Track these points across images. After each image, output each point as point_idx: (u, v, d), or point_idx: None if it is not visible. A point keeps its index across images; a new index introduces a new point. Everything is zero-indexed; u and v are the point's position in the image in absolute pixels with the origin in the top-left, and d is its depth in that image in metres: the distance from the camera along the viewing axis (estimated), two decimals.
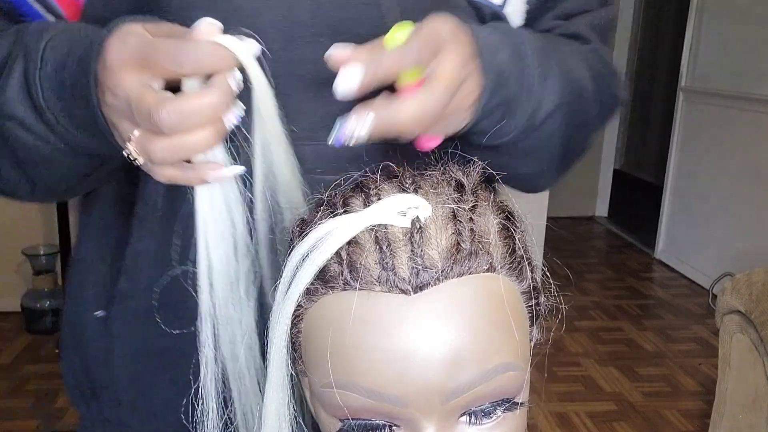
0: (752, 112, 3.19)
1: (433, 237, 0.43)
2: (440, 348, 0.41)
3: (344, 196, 0.47)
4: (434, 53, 0.46)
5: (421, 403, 0.42)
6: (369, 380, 0.42)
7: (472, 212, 0.45)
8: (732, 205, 3.32)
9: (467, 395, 0.42)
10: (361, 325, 0.42)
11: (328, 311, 0.44)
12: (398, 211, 0.44)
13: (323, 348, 0.44)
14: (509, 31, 0.56)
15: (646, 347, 2.87)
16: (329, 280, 0.44)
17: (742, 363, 1.78)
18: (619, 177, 5.01)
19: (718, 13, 3.50)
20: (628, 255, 4.11)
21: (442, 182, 0.47)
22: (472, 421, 0.44)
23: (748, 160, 3.21)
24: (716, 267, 3.31)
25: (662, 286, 3.62)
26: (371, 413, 0.43)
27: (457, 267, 0.43)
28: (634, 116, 5.29)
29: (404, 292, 0.42)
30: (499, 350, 0.43)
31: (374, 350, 0.41)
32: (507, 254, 0.46)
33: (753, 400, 1.73)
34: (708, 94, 3.54)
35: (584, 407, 2.39)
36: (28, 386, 2.45)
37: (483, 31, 0.52)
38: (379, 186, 0.47)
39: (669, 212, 3.89)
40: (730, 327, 1.81)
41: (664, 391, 2.52)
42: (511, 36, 0.54)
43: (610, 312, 3.24)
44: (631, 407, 2.40)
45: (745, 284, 1.74)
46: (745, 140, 3.24)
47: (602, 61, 0.64)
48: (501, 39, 0.53)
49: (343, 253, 0.43)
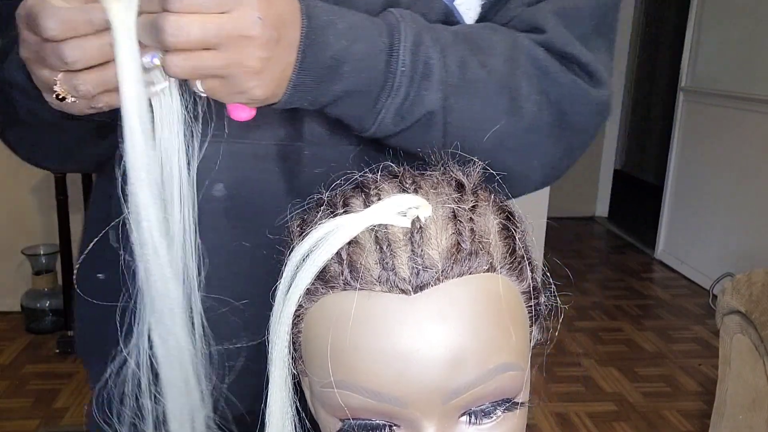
0: (752, 113, 3.19)
1: (434, 237, 0.43)
2: (440, 348, 0.41)
3: (344, 196, 0.47)
4: (231, 2, 0.44)
5: (421, 403, 0.42)
6: (369, 380, 0.42)
7: (472, 212, 0.45)
8: (732, 205, 3.32)
9: (467, 395, 0.42)
10: (362, 325, 0.42)
11: (329, 311, 0.44)
12: (398, 211, 0.44)
13: (323, 348, 0.44)
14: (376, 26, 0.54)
15: (647, 347, 2.87)
16: (329, 280, 0.44)
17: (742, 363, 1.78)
18: (619, 177, 5.01)
19: (718, 14, 3.50)
20: (629, 255, 4.11)
21: (443, 182, 0.47)
22: (472, 421, 0.44)
23: (749, 161, 3.21)
24: (716, 267, 3.31)
25: (662, 286, 3.62)
26: (371, 413, 0.43)
27: (457, 267, 0.43)
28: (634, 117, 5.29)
29: (404, 292, 0.42)
30: (499, 350, 0.43)
31: (374, 350, 0.41)
32: (507, 254, 0.46)
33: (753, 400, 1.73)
34: (708, 94, 3.54)
35: (584, 407, 2.39)
36: (28, 386, 2.45)
37: (326, 15, 0.51)
38: (380, 186, 0.47)
39: (669, 212, 3.89)
40: (731, 327, 1.81)
41: (664, 391, 2.52)
42: (381, 29, 0.53)
43: (611, 312, 3.24)
44: (631, 407, 2.40)
45: (745, 285, 1.74)
46: (746, 140, 3.24)
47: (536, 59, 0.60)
48: (353, 24, 0.52)
49: (343, 253, 0.43)
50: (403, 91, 0.54)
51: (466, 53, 0.56)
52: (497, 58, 0.58)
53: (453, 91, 0.55)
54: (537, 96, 0.59)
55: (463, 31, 0.59)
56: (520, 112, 0.58)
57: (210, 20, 0.44)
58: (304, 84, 0.50)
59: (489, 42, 0.58)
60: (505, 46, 0.58)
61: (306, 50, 0.49)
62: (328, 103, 0.53)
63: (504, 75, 0.58)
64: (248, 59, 0.46)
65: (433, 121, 0.56)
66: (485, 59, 0.57)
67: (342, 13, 0.52)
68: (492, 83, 0.57)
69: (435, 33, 0.56)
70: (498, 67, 0.57)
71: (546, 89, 0.59)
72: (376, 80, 0.53)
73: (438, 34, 0.56)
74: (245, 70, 0.46)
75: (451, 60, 0.55)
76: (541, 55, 0.59)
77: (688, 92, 3.73)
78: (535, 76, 0.59)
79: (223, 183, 0.59)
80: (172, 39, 0.43)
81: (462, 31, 0.59)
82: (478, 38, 0.58)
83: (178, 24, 0.43)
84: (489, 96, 0.57)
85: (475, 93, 0.56)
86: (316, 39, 0.49)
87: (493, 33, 0.59)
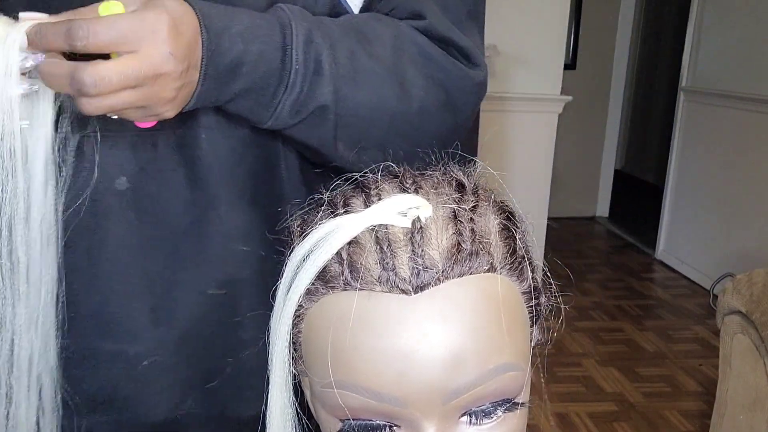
0: (753, 113, 3.19)
1: (434, 237, 0.43)
2: (440, 348, 0.41)
3: (345, 196, 0.47)
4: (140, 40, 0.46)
5: (422, 403, 0.42)
6: (369, 380, 0.42)
7: (472, 212, 0.45)
8: (733, 205, 3.32)
9: (467, 395, 0.42)
10: (362, 325, 0.42)
11: (329, 311, 0.44)
12: (399, 211, 0.44)
13: (324, 348, 0.44)
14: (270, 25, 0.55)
15: (647, 348, 2.87)
16: (330, 280, 0.44)
17: (742, 364, 1.77)
18: (619, 177, 5.01)
19: (718, 13, 3.50)
20: (629, 255, 4.11)
21: (443, 182, 0.47)
22: (472, 422, 0.44)
23: (749, 161, 3.21)
24: (717, 267, 3.30)
25: (663, 286, 3.62)
26: (371, 413, 0.43)
27: (457, 267, 0.43)
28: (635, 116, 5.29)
29: (405, 292, 0.42)
30: (499, 350, 0.43)
31: (374, 350, 0.41)
32: (507, 254, 0.46)
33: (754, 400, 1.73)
34: (709, 94, 3.54)
35: (585, 408, 2.39)
36: None
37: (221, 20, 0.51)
38: (380, 186, 0.47)
39: (670, 212, 3.89)
40: (731, 327, 1.81)
41: (665, 391, 2.52)
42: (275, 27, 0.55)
43: (611, 312, 3.23)
44: (631, 408, 2.40)
45: (745, 285, 1.74)
46: (746, 140, 3.23)
47: (420, 45, 0.62)
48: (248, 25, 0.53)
49: (343, 254, 0.43)
50: (298, 87, 0.56)
51: (354, 45, 0.59)
52: (384, 47, 0.60)
53: (344, 83, 0.58)
54: (423, 81, 0.62)
55: (350, 23, 0.61)
56: (409, 96, 0.61)
57: (126, 65, 0.45)
58: (207, 91, 0.52)
59: (375, 32, 0.61)
60: (390, 35, 0.61)
61: (208, 62, 0.51)
62: (228, 101, 0.55)
63: (391, 63, 0.60)
64: (164, 92, 0.48)
65: (326, 113, 0.58)
66: (373, 49, 0.60)
67: (235, 15, 0.53)
68: (381, 71, 0.60)
69: (324, 28, 0.58)
70: (385, 55, 0.60)
71: (431, 73, 0.62)
72: (273, 77, 0.55)
73: (327, 28, 0.58)
74: (160, 101, 0.49)
75: (341, 53, 0.58)
76: (423, 41, 0.63)
77: (689, 92, 3.72)
78: (420, 62, 0.62)
79: (125, 176, 0.60)
80: (93, 90, 0.45)
81: (349, 23, 0.61)
82: (365, 29, 0.61)
83: (98, 75, 0.44)
84: (379, 84, 0.60)
85: (366, 82, 0.59)
86: (216, 48, 0.51)
87: (378, 23, 0.62)
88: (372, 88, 0.59)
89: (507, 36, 2.79)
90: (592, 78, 4.63)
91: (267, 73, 0.54)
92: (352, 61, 0.58)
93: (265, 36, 0.54)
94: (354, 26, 0.60)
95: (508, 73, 2.91)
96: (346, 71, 0.58)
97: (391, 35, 0.61)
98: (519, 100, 2.93)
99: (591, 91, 4.61)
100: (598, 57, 4.65)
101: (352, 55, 0.58)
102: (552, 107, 2.97)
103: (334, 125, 0.59)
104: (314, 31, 0.57)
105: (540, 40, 2.90)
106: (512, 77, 2.92)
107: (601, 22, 4.59)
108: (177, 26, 0.47)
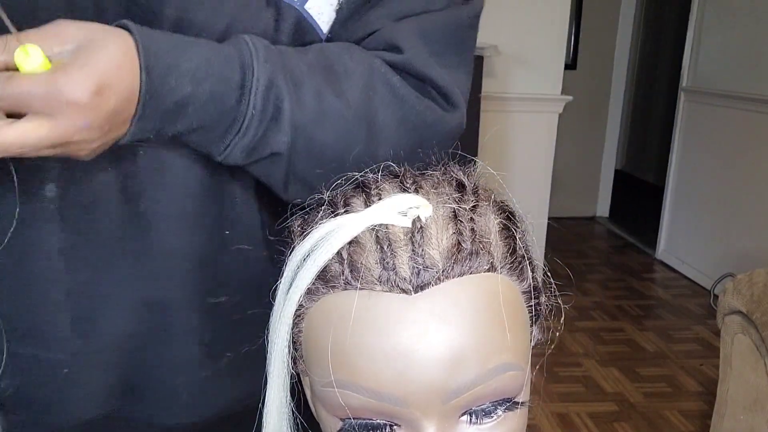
0: (753, 113, 3.19)
1: (434, 237, 0.43)
2: (441, 347, 0.41)
3: (345, 196, 0.47)
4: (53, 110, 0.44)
5: (422, 402, 0.42)
6: (369, 380, 0.42)
7: (472, 212, 0.45)
8: (733, 205, 3.32)
9: (468, 395, 0.42)
10: (362, 325, 0.42)
11: (329, 311, 0.44)
12: (399, 210, 0.44)
13: (324, 347, 0.44)
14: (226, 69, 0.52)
15: (647, 348, 2.87)
16: (330, 279, 0.44)
17: (743, 364, 1.77)
18: (620, 177, 5.01)
19: (719, 14, 3.50)
20: (629, 255, 4.11)
21: (443, 182, 0.47)
22: (472, 421, 0.45)
23: (750, 161, 3.21)
24: (717, 267, 3.31)
25: (663, 286, 3.62)
26: (372, 413, 0.43)
27: (457, 267, 0.43)
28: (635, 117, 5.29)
29: (405, 291, 0.42)
30: (499, 350, 0.43)
31: (375, 350, 0.42)
32: (508, 254, 0.46)
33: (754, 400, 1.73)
34: (709, 94, 3.54)
35: (585, 408, 2.39)
36: None
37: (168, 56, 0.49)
38: (380, 186, 0.47)
39: (670, 212, 3.89)
40: (732, 328, 1.81)
41: (665, 391, 2.52)
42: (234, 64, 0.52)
43: (611, 312, 3.23)
44: (632, 408, 2.40)
45: (746, 285, 1.74)
46: (747, 140, 3.23)
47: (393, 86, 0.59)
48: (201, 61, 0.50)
49: (344, 253, 0.43)
50: (252, 131, 0.53)
51: (322, 85, 0.56)
52: (354, 87, 0.57)
53: (305, 128, 0.55)
54: (395, 123, 0.59)
55: (319, 57, 0.58)
56: (377, 140, 0.58)
57: (29, 134, 0.44)
58: (143, 129, 0.50)
59: (346, 70, 0.58)
60: (361, 74, 0.58)
61: (145, 105, 0.48)
62: (172, 136, 0.52)
63: (361, 104, 0.57)
64: (79, 152, 0.47)
65: (279, 160, 0.56)
66: (341, 88, 0.57)
67: (189, 49, 0.50)
68: (348, 114, 0.57)
69: (289, 66, 0.55)
70: (354, 96, 0.57)
71: (403, 117, 0.59)
72: (225, 117, 0.52)
73: (293, 65, 0.55)
74: (73, 154, 0.48)
75: (307, 94, 0.55)
76: (397, 82, 0.59)
77: (689, 92, 3.72)
78: (392, 104, 0.59)
79: (54, 183, 0.57)
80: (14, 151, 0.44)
81: (318, 58, 0.58)
82: (336, 66, 0.58)
83: (12, 139, 0.43)
84: (346, 126, 0.57)
85: (332, 124, 0.56)
86: (157, 91, 0.48)
87: (351, 59, 0.59)
88: (338, 130, 0.56)
89: (507, 36, 2.80)
90: (592, 78, 4.63)
91: (218, 114, 0.51)
92: (318, 102, 0.55)
93: (220, 75, 0.51)
94: (323, 62, 0.57)
95: (509, 73, 2.91)
96: (311, 112, 0.55)
97: (362, 74, 0.58)
98: (519, 100, 2.94)
99: (591, 91, 4.61)
100: (599, 57, 4.65)
101: (318, 95, 0.55)
102: (552, 107, 2.98)
103: (285, 172, 0.57)
104: (277, 72, 0.54)
105: (540, 40, 2.90)
106: (512, 77, 2.93)
107: (601, 22, 4.59)
108: (102, 92, 0.45)
